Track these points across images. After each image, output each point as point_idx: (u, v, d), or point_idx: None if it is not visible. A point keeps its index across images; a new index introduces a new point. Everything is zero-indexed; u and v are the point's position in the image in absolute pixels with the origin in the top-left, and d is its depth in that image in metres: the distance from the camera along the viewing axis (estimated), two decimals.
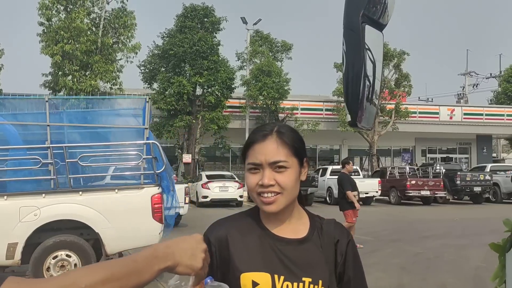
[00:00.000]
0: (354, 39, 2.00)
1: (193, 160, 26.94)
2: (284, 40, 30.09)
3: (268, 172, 1.37)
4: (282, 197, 1.38)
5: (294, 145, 1.41)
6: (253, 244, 1.40)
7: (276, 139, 1.39)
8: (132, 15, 25.93)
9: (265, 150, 1.38)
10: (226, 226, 1.46)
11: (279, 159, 1.37)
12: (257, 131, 1.44)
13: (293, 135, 1.44)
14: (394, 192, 23.04)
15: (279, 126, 1.44)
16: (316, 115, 30.71)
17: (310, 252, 1.41)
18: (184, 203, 13.10)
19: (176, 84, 25.91)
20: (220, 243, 1.41)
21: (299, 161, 1.42)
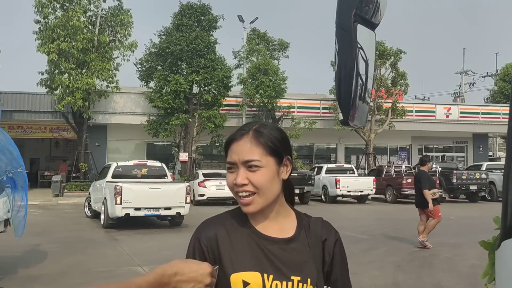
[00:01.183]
0: (346, 38, 2.00)
1: (190, 158, 26.93)
2: (281, 38, 30.16)
3: (242, 171, 1.38)
4: (259, 197, 1.39)
5: (269, 144, 1.40)
6: (242, 244, 1.41)
7: (251, 138, 1.40)
8: (128, 13, 25.91)
9: (239, 149, 1.39)
10: (215, 225, 1.46)
11: (251, 158, 1.38)
12: (238, 130, 1.45)
13: (272, 133, 1.43)
14: (390, 190, 23.09)
15: (259, 125, 1.45)
16: (313, 114, 30.75)
17: (298, 251, 1.42)
18: (184, 202, 12.87)
19: (173, 83, 25.88)
20: (211, 243, 1.42)
21: (277, 160, 1.42)
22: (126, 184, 12.50)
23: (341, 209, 19.97)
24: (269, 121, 29.26)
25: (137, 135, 29.32)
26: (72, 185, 24.66)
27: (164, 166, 14.98)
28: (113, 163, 14.57)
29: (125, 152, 30.59)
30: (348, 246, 10.57)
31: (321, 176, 23.31)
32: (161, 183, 13.22)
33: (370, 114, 30.48)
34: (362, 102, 2.16)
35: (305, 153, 34.70)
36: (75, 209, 18.62)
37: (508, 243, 1.60)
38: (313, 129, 29.19)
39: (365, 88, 2.13)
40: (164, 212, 12.84)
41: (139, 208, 12.43)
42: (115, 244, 10.68)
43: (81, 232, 12.50)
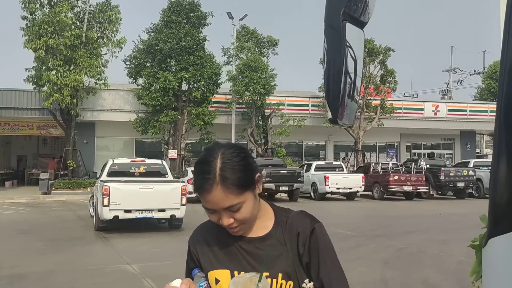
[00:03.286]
0: (335, 37, 2.00)
1: (179, 155, 26.86)
2: (270, 36, 30.12)
3: (225, 214, 1.42)
4: (245, 225, 1.47)
5: (242, 183, 1.41)
6: (217, 244, 1.52)
7: (221, 187, 1.39)
8: (117, 10, 25.74)
9: (215, 200, 1.40)
10: (199, 229, 1.61)
11: (231, 204, 1.40)
12: (200, 176, 1.43)
13: (237, 168, 1.41)
14: (378, 187, 23.23)
15: (221, 166, 1.41)
16: (302, 111, 30.81)
17: (272, 247, 1.47)
18: (180, 204, 11.77)
19: (162, 80, 25.77)
20: (195, 246, 1.57)
21: (251, 188, 1.44)
22: (114, 184, 11.50)
23: (330, 206, 20.05)
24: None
25: (126, 132, 29.17)
26: (60, 182, 24.48)
27: (165, 164, 13.93)
28: (110, 160, 13.51)
29: (114, 150, 30.43)
30: (337, 243, 10.62)
31: (310, 173, 23.39)
32: (153, 183, 12.10)
33: (359, 111, 30.59)
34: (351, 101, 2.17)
35: (294, 150, 34.76)
36: (63, 207, 18.49)
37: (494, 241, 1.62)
38: (302, 126, 29.26)
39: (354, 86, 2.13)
40: (158, 215, 11.81)
41: (130, 210, 11.45)
42: (104, 242, 10.63)
43: (69, 230, 12.41)
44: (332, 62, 2.00)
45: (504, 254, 1.48)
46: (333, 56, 2.01)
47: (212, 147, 1.50)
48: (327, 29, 1.94)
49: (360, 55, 2.09)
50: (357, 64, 2.11)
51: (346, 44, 1.93)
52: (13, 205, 19.19)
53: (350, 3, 1.93)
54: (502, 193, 1.60)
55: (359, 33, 2.06)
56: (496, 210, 1.63)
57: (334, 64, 1.99)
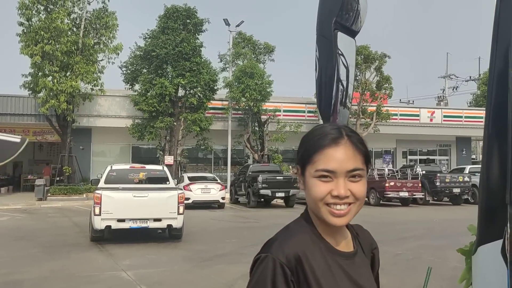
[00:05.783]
0: (326, 45, 2.02)
1: (175, 161, 26.83)
2: (267, 42, 30.22)
3: (343, 181, 1.23)
4: (355, 207, 1.27)
5: (366, 152, 1.29)
6: (323, 262, 1.26)
7: (351, 143, 1.26)
8: (113, 16, 25.77)
9: (341, 157, 1.23)
10: (293, 243, 1.26)
11: (357, 166, 1.24)
12: (322, 134, 1.29)
13: (362, 139, 1.31)
14: (374, 193, 23.24)
15: (347, 128, 1.30)
16: (299, 117, 30.84)
17: (364, 263, 1.36)
18: (177, 213, 11.10)
19: (158, 86, 25.78)
20: (295, 265, 1.23)
21: (367, 168, 1.30)
22: (106, 192, 10.92)
23: None
24: (254, 124, 29.30)
25: (122, 138, 29.14)
26: (55, 188, 24.39)
27: (166, 170, 13.17)
28: (108, 167, 12.80)
29: (110, 156, 30.37)
30: None
31: None
32: (148, 190, 11.48)
33: (355, 117, 30.67)
34: (343, 107, 2.19)
35: (291, 156, 34.76)
36: (58, 213, 18.42)
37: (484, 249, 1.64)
38: (298, 132, 29.26)
39: (346, 93, 2.15)
40: (153, 224, 11.14)
41: (123, 219, 10.85)
42: (99, 249, 10.59)
43: (64, 237, 12.36)
44: (324, 70, 2.03)
45: (493, 261, 1.50)
46: (325, 64, 2.03)
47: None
48: (319, 38, 1.96)
49: (352, 63, 2.11)
50: (349, 72, 2.13)
51: (338, 53, 1.95)
52: (9, 211, 19.11)
53: (342, 12, 1.95)
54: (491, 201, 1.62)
55: (350, 42, 2.08)
56: (485, 218, 1.65)
57: (326, 72, 2.01)
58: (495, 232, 1.53)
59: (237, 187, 24.06)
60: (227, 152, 29.81)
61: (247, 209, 21.17)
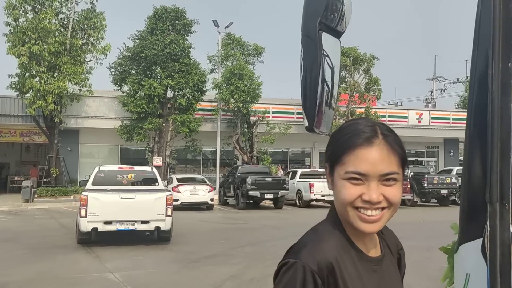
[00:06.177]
0: (311, 46, 2.03)
1: (164, 163, 26.73)
2: (256, 43, 30.24)
3: (376, 185, 1.13)
4: (388, 213, 1.16)
5: (402, 153, 1.17)
6: (354, 272, 1.17)
7: (386, 144, 1.15)
8: (101, 16, 25.64)
9: (374, 159, 1.13)
10: (325, 249, 1.15)
11: (392, 170, 1.14)
12: (355, 132, 1.18)
13: (399, 138, 1.20)
14: None
15: (382, 126, 1.19)
16: (288, 119, 30.89)
17: (393, 267, 1.29)
18: (165, 215, 10.93)
19: (147, 87, 25.68)
20: (327, 273, 1.13)
21: (404, 170, 1.19)
22: (93, 193, 10.81)
23: (315, 214, 20.03)
24: (244, 126, 29.29)
25: (110, 139, 28.98)
26: (43, 190, 24.18)
27: (155, 171, 13.00)
28: (96, 168, 12.67)
29: (98, 157, 30.18)
30: None
31: (295, 181, 23.43)
32: (136, 192, 11.33)
33: (344, 119, 30.79)
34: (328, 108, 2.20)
35: (280, 157, 34.82)
36: (45, 215, 18.27)
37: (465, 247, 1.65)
38: (287, 133, 29.32)
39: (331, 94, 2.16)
40: (141, 226, 10.98)
41: (110, 221, 10.72)
42: (87, 250, 10.52)
43: (51, 239, 12.26)
44: (309, 71, 2.03)
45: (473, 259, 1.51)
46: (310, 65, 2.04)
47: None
48: (304, 38, 1.97)
49: (337, 63, 2.12)
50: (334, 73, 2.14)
51: (322, 53, 1.96)
52: None
53: (327, 13, 1.96)
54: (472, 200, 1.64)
55: (335, 43, 2.09)
56: (466, 217, 1.67)
57: (311, 73, 2.02)
58: (476, 231, 1.54)
59: (226, 189, 24.04)
60: (216, 154, 29.77)
61: (236, 211, 21.15)
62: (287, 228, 14.68)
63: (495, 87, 1.48)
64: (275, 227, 15.18)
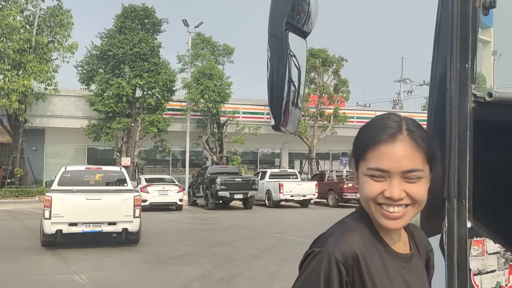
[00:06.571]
0: (278, 46, 2.05)
1: (132, 163, 26.42)
2: (226, 44, 30.20)
3: (398, 182, 1.11)
4: (412, 210, 1.14)
5: (428, 150, 1.14)
6: (381, 264, 1.15)
7: (410, 140, 1.12)
8: (68, 14, 25.17)
9: (396, 155, 1.10)
10: (351, 240, 1.14)
11: (415, 167, 1.11)
12: (380, 127, 1.15)
13: (425, 134, 1.16)
14: (332, 194, 23.59)
15: (408, 121, 1.16)
16: (258, 119, 30.96)
17: (421, 267, 1.26)
18: (133, 216, 10.63)
19: (115, 86, 25.33)
20: (352, 264, 1.11)
21: (431, 166, 1.16)
22: (57, 194, 10.46)
23: (284, 214, 20.20)
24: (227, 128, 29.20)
25: (77, 139, 28.46)
26: (6, 191, 23.55)
27: (124, 171, 12.70)
28: (62, 168, 12.23)
29: (65, 157, 29.63)
30: (290, 250, 10.74)
31: (265, 181, 23.51)
32: (102, 193, 10.99)
33: (313, 120, 31.09)
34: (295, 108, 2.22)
35: (250, 158, 34.87)
36: (9, 216, 17.79)
37: None
38: (257, 134, 29.39)
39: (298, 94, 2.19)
40: (108, 228, 10.70)
41: (75, 223, 10.39)
42: (52, 252, 10.30)
43: (15, 240, 11.95)
44: (276, 70, 2.05)
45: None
46: (277, 65, 2.06)
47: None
48: (271, 38, 1.99)
49: (304, 64, 2.15)
50: (301, 73, 2.17)
51: (289, 53, 1.98)
52: None
53: (293, 13, 1.98)
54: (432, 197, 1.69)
55: (302, 43, 2.12)
56: (427, 214, 1.72)
57: (278, 72, 2.04)
58: (435, 227, 1.59)
59: (195, 189, 23.94)
60: (186, 154, 29.62)
61: (205, 211, 21.08)
62: (256, 228, 14.72)
63: (453, 87, 1.53)
64: (244, 227, 15.20)
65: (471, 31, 1.61)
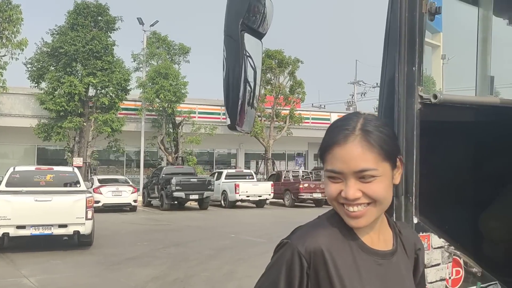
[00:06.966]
0: (233, 46, 2.07)
1: (85, 163, 25.79)
2: (182, 43, 29.97)
3: (353, 182, 1.12)
4: (374, 208, 1.14)
5: (384, 146, 1.13)
6: (351, 261, 1.15)
7: (361, 140, 1.12)
8: (18, 9, 24.27)
9: (347, 156, 1.11)
10: (318, 235, 1.16)
11: (365, 167, 1.11)
12: (336, 129, 1.17)
13: (383, 132, 1.15)
14: (288, 195, 23.82)
15: (364, 121, 1.16)
16: (214, 119, 30.88)
17: (404, 265, 1.24)
18: (85, 218, 10.27)
19: (67, 84, 24.66)
20: (315, 258, 1.13)
21: (391, 163, 1.16)
22: (3, 196, 10.07)
23: (240, 214, 20.24)
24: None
25: (27, 139, 27.51)
26: None
27: (77, 171, 12.34)
28: (10, 168, 11.76)
29: (13, 157, 28.62)
30: (245, 249, 10.78)
31: (221, 182, 23.48)
32: (52, 194, 10.57)
33: (269, 120, 31.29)
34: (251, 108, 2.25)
35: (206, 158, 34.73)
36: None
37: None
38: (213, 134, 29.31)
39: (254, 94, 2.22)
40: (58, 231, 10.33)
41: (23, 226, 10.00)
42: None
43: None
44: (231, 71, 2.07)
45: None
46: (232, 65, 2.08)
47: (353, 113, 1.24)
48: (226, 38, 2.01)
49: (259, 64, 2.18)
50: (257, 73, 2.20)
51: (245, 54, 2.01)
52: None
53: (249, 14, 2.01)
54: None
55: (257, 44, 2.15)
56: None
57: (234, 73, 2.06)
58: None
59: (150, 190, 23.66)
60: (140, 154, 29.20)
61: (160, 212, 20.86)
62: (212, 229, 14.69)
63: (400, 89, 1.60)
64: (200, 227, 15.14)
65: (418, 36, 1.68)
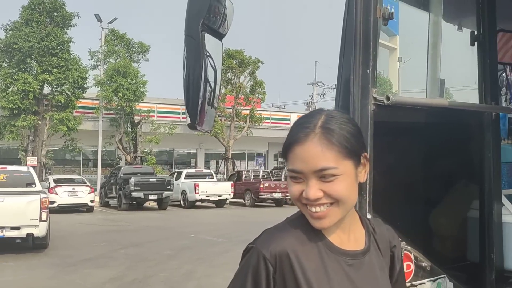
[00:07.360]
0: (194, 46, 2.08)
1: (39, 163, 25.06)
2: (142, 41, 29.56)
3: (313, 182, 1.09)
4: (337, 208, 1.11)
5: (345, 144, 1.10)
6: (319, 263, 1.12)
7: (321, 138, 1.09)
8: None
9: (306, 155, 1.08)
10: (284, 238, 1.13)
11: (325, 166, 1.08)
12: (298, 126, 1.13)
13: (345, 129, 1.12)
14: (249, 194, 23.89)
15: (326, 118, 1.12)
16: (173, 119, 30.62)
17: (378, 264, 1.20)
18: (39, 220, 9.86)
19: (21, 81, 23.91)
20: (281, 262, 1.11)
21: (354, 161, 1.12)
22: None
23: (199, 214, 20.17)
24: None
25: None
26: None
27: (32, 171, 11.90)
28: None
29: None
30: (204, 249, 10.77)
31: (180, 181, 23.33)
32: (3, 195, 10.10)
33: (229, 120, 31.29)
34: (211, 108, 2.28)
35: (165, 158, 34.40)
36: None
37: None
38: (173, 134, 29.07)
39: (214, 94, 2.24)
40: (10, 233, 9.87)
41: None
42: None
43: None
44: (192, 70, 2.09)
45: None
46: (193, 65, 2.10)
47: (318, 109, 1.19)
48: (187, 38, 2.03)
49: (219, 64, 2.21)
50: (217, 74, 2.23)
51: (205, 54, 2.03)
52: None
53: (209, 14, 2.03)
54: None
55: (217, 44, 2.18)
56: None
57: (194, 72, 2.08)
58: None
59: (107, 190, 23.25)
60: (98, 154, 28.64)
61: (118, 212, 20.54)
62: (171, 229, 14.59)
63: (355, 90, 1.67)
64: (159, 228, 15.00)
65: (372, 39, 1.75)
